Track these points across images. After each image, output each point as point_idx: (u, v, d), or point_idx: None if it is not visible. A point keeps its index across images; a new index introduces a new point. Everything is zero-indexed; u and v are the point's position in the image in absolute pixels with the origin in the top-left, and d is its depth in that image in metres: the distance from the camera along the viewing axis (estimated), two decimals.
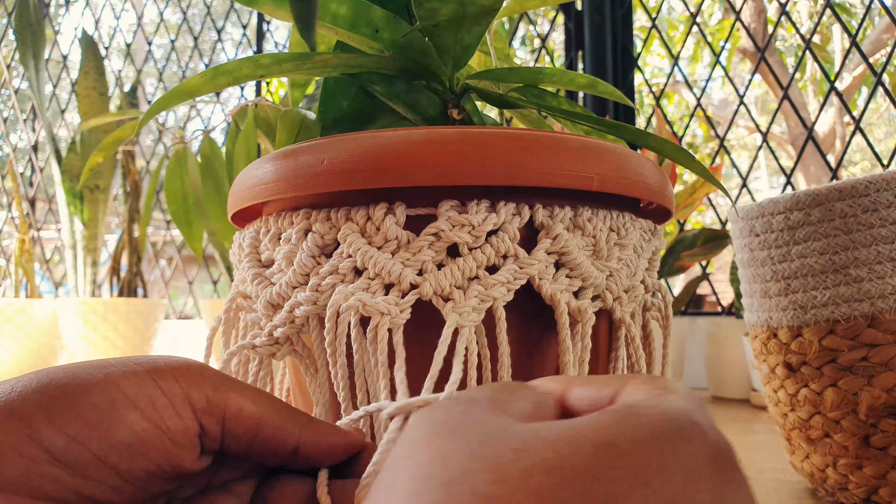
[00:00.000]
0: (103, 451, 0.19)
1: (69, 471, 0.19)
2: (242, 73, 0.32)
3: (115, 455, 0.19)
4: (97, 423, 0.19)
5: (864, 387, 0.40)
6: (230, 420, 0.21)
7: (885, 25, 2.90)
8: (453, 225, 0.26)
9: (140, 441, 0.20)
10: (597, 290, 0.28)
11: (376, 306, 0.25)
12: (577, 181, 0.27)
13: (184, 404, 0.21)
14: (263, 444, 0.22)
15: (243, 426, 0.22)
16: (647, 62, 3.80)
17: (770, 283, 0.44)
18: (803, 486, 0.48)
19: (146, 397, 0.20)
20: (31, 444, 0.18)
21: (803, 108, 3.26)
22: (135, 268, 1.26)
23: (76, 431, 0.19)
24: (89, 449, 0.19)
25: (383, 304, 0.25)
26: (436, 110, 0.36)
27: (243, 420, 0.22)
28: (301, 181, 0.27)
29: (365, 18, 0.33)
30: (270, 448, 0.22)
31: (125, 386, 0.20)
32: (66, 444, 0.19)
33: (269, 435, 0.22)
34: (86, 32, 1.35)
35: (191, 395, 0.21)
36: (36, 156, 1.58)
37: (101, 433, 0.19)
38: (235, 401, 0.22)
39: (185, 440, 0.21)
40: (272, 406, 0.22)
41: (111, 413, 0.19)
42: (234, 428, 0.22)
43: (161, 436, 0.20)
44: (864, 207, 0.40)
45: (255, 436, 0.22)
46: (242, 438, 0.22)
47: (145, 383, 0.20)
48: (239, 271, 0.32)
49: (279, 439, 0.22)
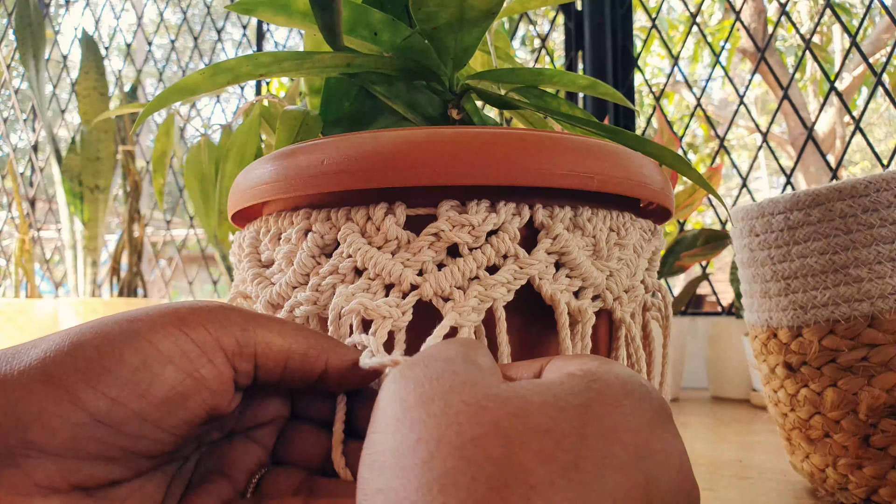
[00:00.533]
0: (143, 409, 0.19)
1: (112, 430, 0.19)
2: (242, 71, 0.31)
3: (155, 411, 0.20)
4: (135, 382, 0.19)
5: (864, 387, 0.40)
6: (261, 357, 0.22)
7: (885, 25, 2.90)
8: (453, 225, 0.26)
9: (178, 394, 0.20)
10: (597, 290, 0.28)
11: (378, 310, 0.25)
12: (577, 181, 0.27)
13: (216, 351, 0.21)
14: (293, 373, 0.23)
15: (273, 360, 0.22)
16: (647, 62, 3.80)
17: (770, 283, 0.44)
18: (803, 486, 0.48)
19: (178, 350, 0.20)
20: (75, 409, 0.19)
21: (803, 108, 3.26)
22: (135, 268, 1.26)
23: (116, 393, 0.19)
24: (130, 408, 0.19)
25: (385, 308, 0.25)
26: (436, 110, 0.36)
27: (272, 354, 0.22)
28: (301, 181, 0.27)
29: (363, 21, 0.33)
30: (299, 375, 0.23)
31: (157, 341, 0.20)
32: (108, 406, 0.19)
33: (298, 363, 0.23)
34: (86, 32, 1.35)
35: (221, 341, 0.21)
36: (36, 156, 1.58)
37: (140, 392, 0.19)
38: (263, 337, 0.22)
39: (221, 386, 0.21)
40: (299, 335, 0.23)
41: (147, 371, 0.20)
42: (265, 363, 0.22)
43: (197, 385, 0.20)
44: (864, 207, 0.40)
45: (286, 366, 0.22)
46: (273, 370, 0.22)
47: (176, 336, 0.20)
48: (239, 271, 0.32)
49: (307, 366, 0.23)
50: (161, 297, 1.52)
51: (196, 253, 1.66)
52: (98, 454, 0.19)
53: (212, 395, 0.21)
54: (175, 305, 0.21)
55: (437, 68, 0.34)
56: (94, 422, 0.19)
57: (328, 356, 0.23)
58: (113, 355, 0.19)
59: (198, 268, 1.49)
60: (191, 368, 0.20)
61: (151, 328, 0.20)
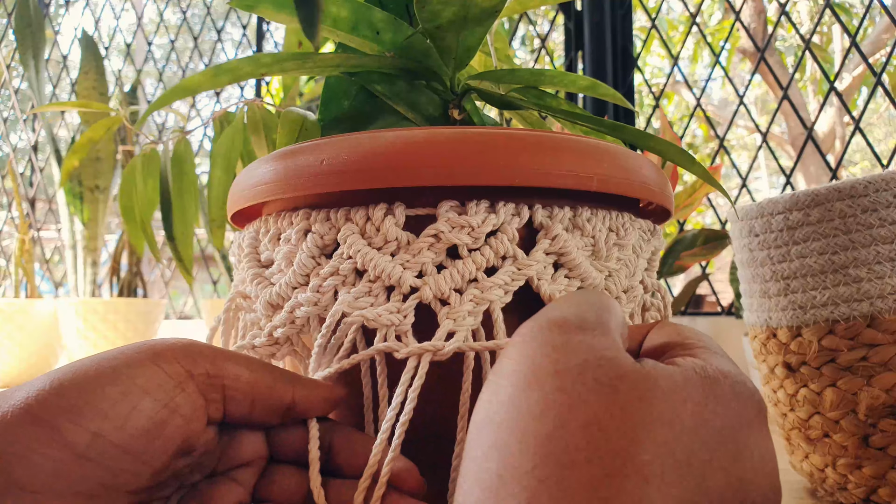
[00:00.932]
0: (124, 441, 0.20)
1: (93, 465, 0.20)
2: (244, 71, 0.32)
3: (135, 442, 0.20)
4: (115, 415, 0.20)
5: (864, 387, 0.40)
6: (229, 388, 0.23)
7: (885, 25, 2.90)
8: (453, 226, 0.26)
9: (155, 424, 0.21)
10: (596, 290, 0.28)
11: (380, 320, 0.25)
12: (577, 181, 0.27)
13: (188, 382, 0.22)
14: (261, 406, 0.24)
15: (241, 392, 0.23)
16: (647, 62, 3.80)
17: (769, 283, 0.44)
18: (803, 486, 0.48)
19: (154, 383, 0.21)
20: (56, 445, 0.19)
21: (803, 108, 3.26)
22: (135, 268, 1.26)
23: (97, 427, 0.20)
24: (110, 440, 0.20)
25: (387, 317, 0.25)
26: (437, 110, 0.36)
27: (241, 386, 0.23)
28: (301, 181, 0.27)
29: (365, 21, 0.33)
30: (268, 407, 0.24)
31: (134, 375, 0.21)
32: (90, 441, 0.20)
33: (265, 396, 0.24)
34: (86, 32, 1.35)
35: (192, 372, 0.22)
36: (36, 156, 1.58)
37: (120, 424, 0.20)
38: (231, 370, 0.23)
39: (193, 412, 0.22)
40: (264, 369, 0.24)
41: (126, 404, 0.21)
42: (234, 395, 0.23)
43: (173, 415, 0.21)
44: (864, 207, 0.40)
45: (253, 399, 0.24)
46: (242, 403, 0.23)
47: (151, 370, 0.22)
48: (238, 271, 0.32)
49: (274, 398, 0.24)
50: (161, 297, 1.52)
51: (196, 253, 1.66)
52: (79, 491, 0.19)
53: (185, 421, 0.22)
54: (150, 343, 0.23)
55: (439, 68, 0.34)
56: (76, 457, 0.19)
57: (294, 389, 0.24)
58: (94, 391, 0.20)
59: (198, 268, 1.49)
60: (166, 399, 0.21)
61: (129, 364, 0.21)
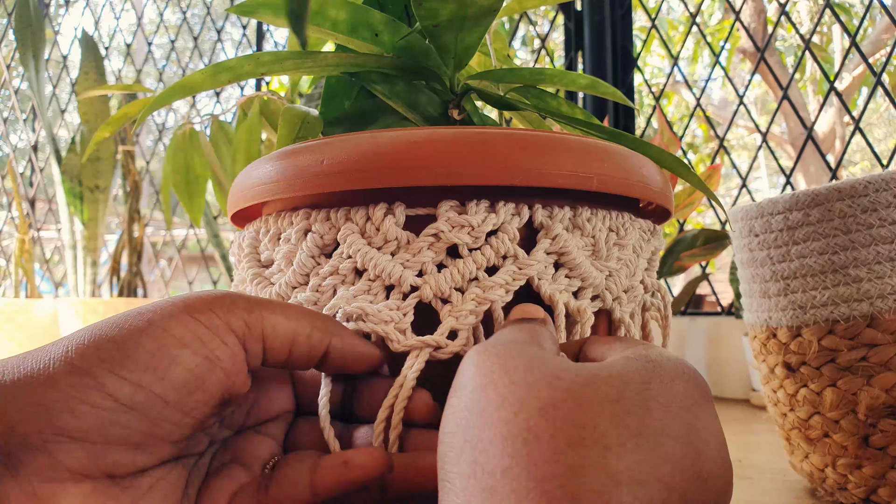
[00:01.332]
0: (165, 392, 0.20)
1: (136, 414, 0.20)
2: (243, 69, 0.32)
3: (176, 393, 0.21)
4: (154, 367, 0.20)
5: (864, 387, 0.40)
6: (268, 338, 0.23)
7: (885, 25, 2.91)
8: (453, 226, 0.26)
9: (195, 376, 0.21)
10: (596, 290, 0.28)
11: (379, 315, 0.25)
12: (577, 181, 0.27)
13: (227, 333, 0.22)
14: (298, 355, 0.24)
15: (280, 340, 0.23)
16: (646, 62, 3.80)
17: (769, 283, 0.44)
18: (803, 486, 0.48)
19: (192, 335, 0.21)
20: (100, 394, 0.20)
21: (803, 108, 3.26)
22: (135, 268, 1.26)
23: (138, 378, 0.20)
24: (152, 391, 0.20)
25: (386, 313, 0.25)
26: (436, 110, 0.36)
27: (279, 335, 0.23)
28: (301, 181, 0.27)
29: (364, 22, 0.33)
30: (304, 357, 0.24)
31: (171, 328, 0.21)
32: (131, 391, 0.20)
33: (303, 344, 0.24)
34: (86, 32, 1.35)
35: (231, 323, 0.22)
36: (36, 156, 1.58)
37: (160, 375, 0.20)
38: (270, 318, 0.23)
39: (234, 366, 0.22)
40: (303, 317, 0.24)
41: (165, 356, 0.21)
42: (272, 344, 0.23)
43: (213, 367, 0.21)
44: (864, 207, 0.40)
45: (291, 348, 0.24)
46: (280, 351, 0.24)
47: (188, 322, 0.22)
48: (238, 271, 0.32)
49: (312, 347, 0.24)
50: (161, 297, 1.52)
51: (196, 253, 1.66)
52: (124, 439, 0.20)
53: (226, 375, 0.22)
54: (183, 296, 0.23)
55: (438, 68, 0.34)
56: (119, 406, 0.20)
57: (331, 338, 0.24)
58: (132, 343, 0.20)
59: (198, 268, 1.49)
60: (205, 351, 0.21)
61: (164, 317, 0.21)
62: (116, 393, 0.20)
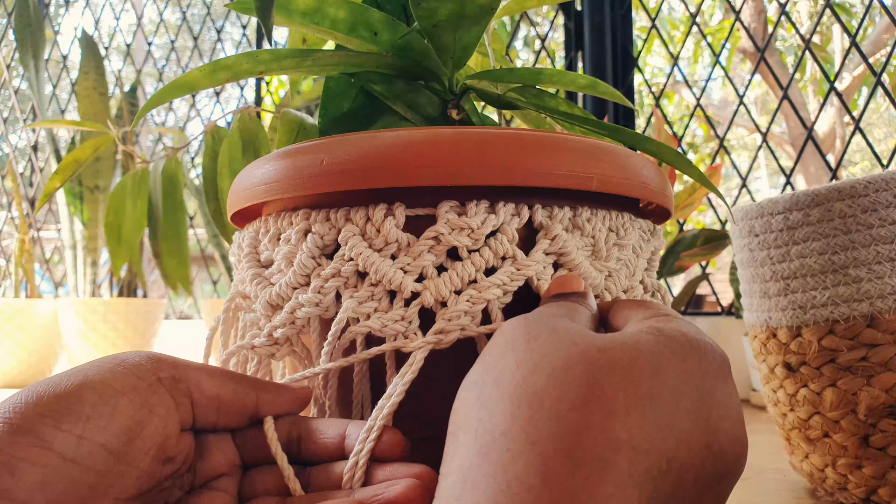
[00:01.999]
0: (108, 441, 0.21)
1: (81, 468, 0.20)
2: (242, 68, 0.31)
3: (118, 440, 0.21)
4: (97, 417, 0.21)
5: (864, 387, 0.40)
6: (195, 393, 0.24)
7: (885, 25, 2.90)
8: (452, 228, 0.26)
9: (135, 422, 0.22)
10: (595, 290, 0.28)
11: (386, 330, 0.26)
12: (577, 181, 0.27)
13: (158, 384, 0.23)
14: (227, 412, 0.25)
15: (206, 397, 0.24)
16: (647, 62, 3.80)
17: (769, 283, 0.44)
18: (803, 486, 0.48)
19: (127, 385, 0.22)
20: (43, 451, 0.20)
21: (803, 108, 3.26)
22: (135, 268, 1.26)
23: (81, 429, 0.20)
24: (95, 441, 0.20)
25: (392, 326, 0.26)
26: (435, 110, 0.36)
27: (205, 392, 0.24)
28: (300, 181, 0.27)
29: (363, 21, 0.33)
30: (234, 413, 0.25)
31: (108, 380, 0.22)
32: (75, 443, 0.20)
33: (230, 401, 0.25)
34: (86, 32, 1.35)
35: (160, 376, 0.23)
36: (36, 156, 1.58)
37: (102, 425, 0.21)
38: (194, 376, 0.24)
39: (169, 415, 0.23)
40: (225, 377, 0.25)
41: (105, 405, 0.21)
42: (199, 400, 0.24)
43: (150, 415, 0.22)
44: (864, 208, 0.40)
45: (219, 406, 0.24)
46: (208, 409, 0.24)
47: (122, 374, 0.22)
48: (238, 271, 0.32)
49: (239, 404, 0.25)
50: (161, 297, 1.52)
51: (196, 253, 1.66)
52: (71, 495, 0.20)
53: (162, 421, 0.22)
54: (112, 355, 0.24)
55: (437, 68, 0.34)
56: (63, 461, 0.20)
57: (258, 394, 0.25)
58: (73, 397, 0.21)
59: (198, 268, 1.49)
60: (140, 399, 0.22)
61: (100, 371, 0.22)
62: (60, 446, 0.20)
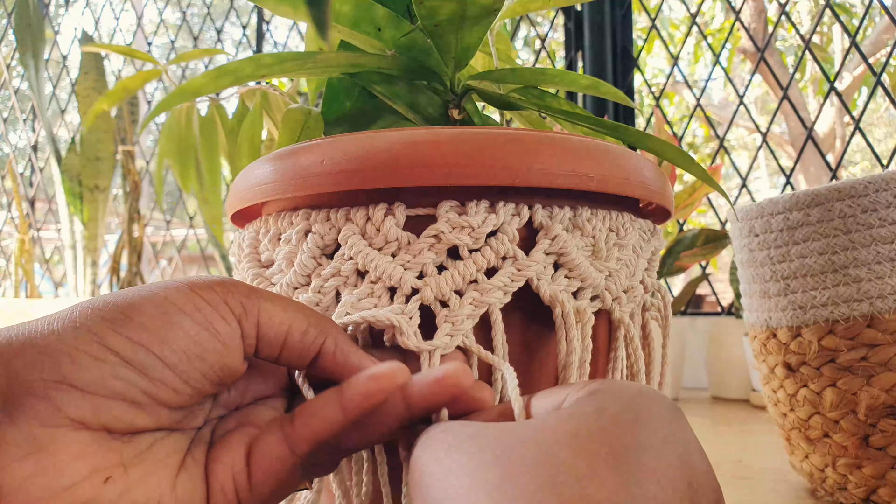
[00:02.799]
0: (164, 354, 0.21)
1: (136, 371, 0.21)
2: (245, 72, 0.32)
3: (175, 357, 0.21)
4: (156, 329, 0.21)
5: (864, 387, 0.40)
6: (263, 325, 0.23)
7: (885, 25, 2.91)
8: (453, 227, 0.26)
9: (195, 343, 0.22)
10: (596, 290, 0.28)
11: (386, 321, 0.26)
12: (577, 181, 0.27)
13: (225, 309, 0.23)
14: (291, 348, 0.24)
15: (274, 330, 0.24)
16: (647, 63, 3.80)
17: (769, 283, 0.44)
18: (803, 486, 0.48)
19: (192, 305, 0.22)
20: (102, 349, 0.20)
21: (803, 108, 3.26)
22: (135, 268, 1.26)
23: (139, 337, 0.21)
24: (152, 352, 0.21)
25: (392, 318, 0.26)
26: (437, 110, 0.36)
27: (274, 325, 0.24)
28: (301, 181, 0.27)
29: (367, 17, 0.33)
30: (297, 352, 0.24)
31: (172, 297, 0.22)
32: (132, 348, 0.21)
33: (297, 340, 0.24)
34: (86, 32, 1.35)
35: (228, 301, 0.23)
36: (36, 156, 1.58)
37: (161, 338, 0.21)
38: (266, 307, 0.24)
39: (232, 341, 0.23)
40: (300, 312, 0.24)
41: (166, 321, 0.21)
42: (266, 332, 0.24)
43: (211, 338, 0.22)
44: (864, 208, 0.40)
45: (285, 341, 0.24)
46: (274, 342, 0.24)
47: (189, 294, 0.22)
48: (238, 271, 0.32)
49: (304, 344, 0.24)
50: None
51: (196, 253, 1.66)
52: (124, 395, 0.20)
53: (225, 348, 0.22)
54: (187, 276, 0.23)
55: (439, 68, 0.34)
56: (120, 362, 0.20)
57: (325, 338, 0.24)
58: (134, 308, 0.21)
59: (198, 268, 1.49)
60: (204, 321, 0.22)
61: (167, 288, 0.22)
62: (118, 349, 0.20)
